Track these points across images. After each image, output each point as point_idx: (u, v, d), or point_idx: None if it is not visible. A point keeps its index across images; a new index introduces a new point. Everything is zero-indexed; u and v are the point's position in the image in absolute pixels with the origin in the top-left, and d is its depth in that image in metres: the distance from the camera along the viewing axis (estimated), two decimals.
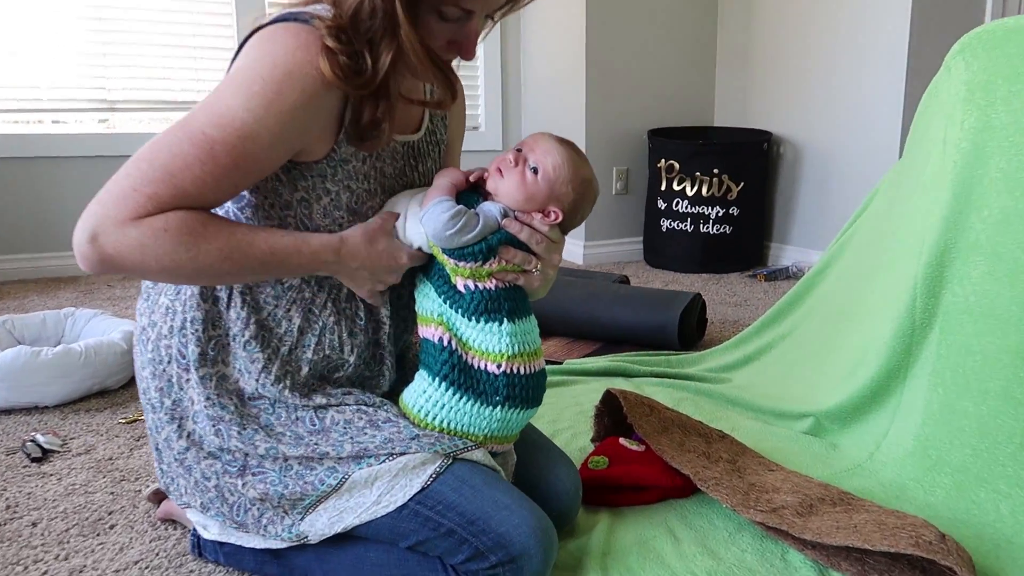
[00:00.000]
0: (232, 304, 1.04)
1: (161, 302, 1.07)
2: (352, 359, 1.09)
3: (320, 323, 1.06)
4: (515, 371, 1.03)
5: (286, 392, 1.04)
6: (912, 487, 1.38)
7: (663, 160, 3.45)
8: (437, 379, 1.03)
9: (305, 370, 1.06)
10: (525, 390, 1.04)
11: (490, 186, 1.03)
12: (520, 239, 1.02)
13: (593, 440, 1.56)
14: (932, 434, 1.41)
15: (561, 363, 2.07)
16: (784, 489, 1.28)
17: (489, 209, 1.01)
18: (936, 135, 1.55)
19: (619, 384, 1.93)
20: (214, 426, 1.03)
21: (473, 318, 1.02)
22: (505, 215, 1.02)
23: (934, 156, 1.54)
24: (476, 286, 1.02)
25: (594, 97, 3.52)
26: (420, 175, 1.13)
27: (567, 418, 1.70)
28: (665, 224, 3.49)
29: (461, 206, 0.99)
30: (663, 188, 3.46)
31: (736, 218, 3.42)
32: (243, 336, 1.03)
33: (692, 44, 3.72)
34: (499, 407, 1.03)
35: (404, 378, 1.20)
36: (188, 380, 1.04)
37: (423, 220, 0.99)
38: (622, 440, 1.42)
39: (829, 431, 1.61)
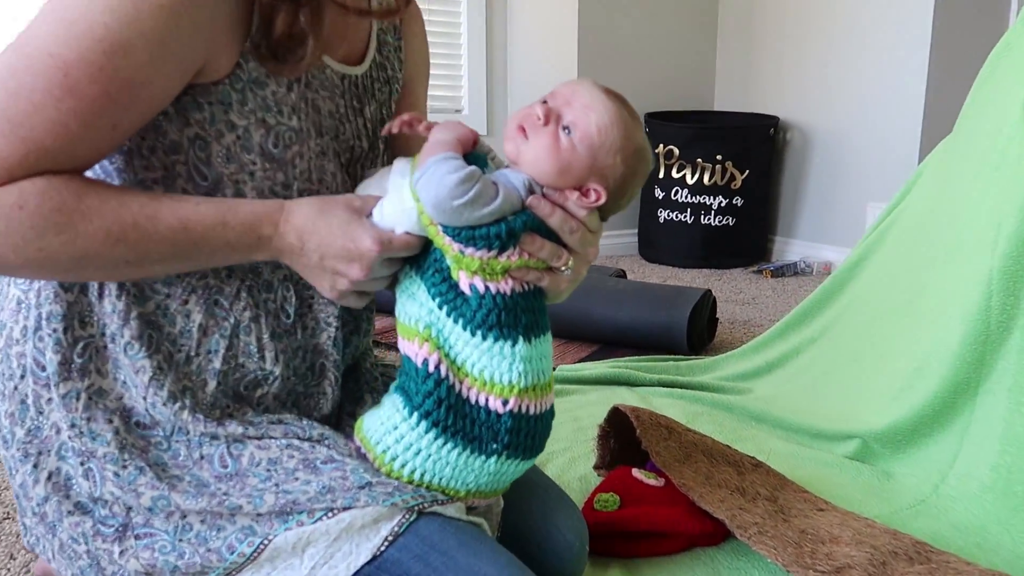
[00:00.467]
0: (106, 293, 0.75)
1: (10, 294, 0.78)
2: (278, 370, 0.80)
3: (231, 320, 0.78)
4: (524, 410, 0.75)
5: (185, 415, 0.75)
6: (996, 532, 1.11)
7: (661, 145, 3.19)
8: (416, 415, 0.74)
9: (211, 385, 0.77)
10: (532, 436, 0.76)
11: (508, 150, 0.77)
12: (550, 224, 0.75)
13: (597, 468, 1.28)
14: (1016, 464, 1.14)
15: (553, 369, 1.79)
16: (844, 539, 1.00)
17: (510, 179, 0.74)
18: (1010, 101, 1.28)
19: (622, 394, 1.66)
20: (83, 464, 0.74)
21: (479, 333, 0.73)
22: (531, 190, 0.75)
23: (1009, 127, 1.27)
24: (487, 287, 0.73)
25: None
26: (368, 122, 0.86)
27: (563, 437, 1.42)
28: (663, 215, 3.23)
29: (475, 167, 0.72)
30: (661, 176, 3.21)
31: (740, 209, 3.16)
32: (123, 336, 0.75)
33: (690, 18, 3.47)
34: (496, 457, 0.74)
35: (355, 395, 0.92)
36: (49, 400, 0.75)
37: (418, 182, 0.72)
38: (636, 472, 1.14)
39: (879, 456, 1.34)
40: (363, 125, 0.85)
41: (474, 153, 0.77)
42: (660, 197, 3.23)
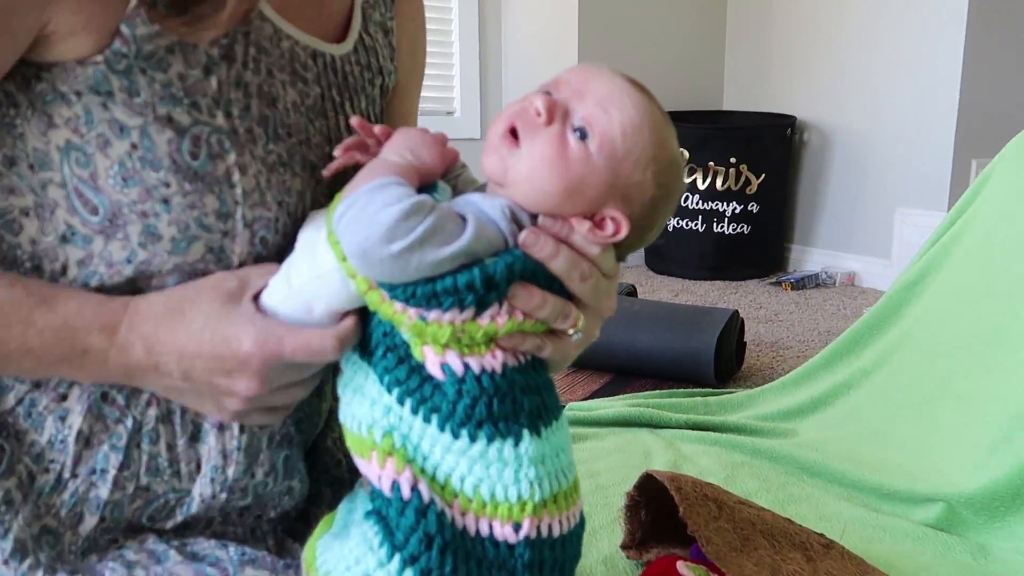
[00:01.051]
0: None
1: None
2: (198, 490, 0.56)
3: (128, 423, 0.55)
4: (546, 533, 0.52)
5: None
6: None
7: None
8: (398, 561, 0.50)
9: (89, 523, 0.53)
10: (557, 567, 0.52)
11: (490, 166, 0.55)
12: (552, 269, 0.54)
13: (626, 548, 1.03)
14: None
15: (562, 407, 1.54)
16: None
17: (481, 207, 0.53)
18: None
19: (644, 439, 1.41)
20: None
21: (464, 433, 0.51)
22: (516, 221, 0.53)
23: None
24: (467, 365, 0.52)
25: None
26: (347, 128, 0.63)
27: None
28: (672, 223, 2.99)
29: (424, 196, 0.51)
30: None
31: (756, 216, 2.93)
32: None
33: (697, 11, 3.26)
34: None
35: (310, 488, 0.67)
36: None
37: (339, 224, 0.51)
38: (682, 568, 0.89)
39: (971, 525, 1.09)
40: (347, 126, 0.63)
41: (434, 185, 0.56)
42: None
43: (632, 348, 1.76)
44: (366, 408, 0.52)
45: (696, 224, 2.96)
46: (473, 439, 0.50)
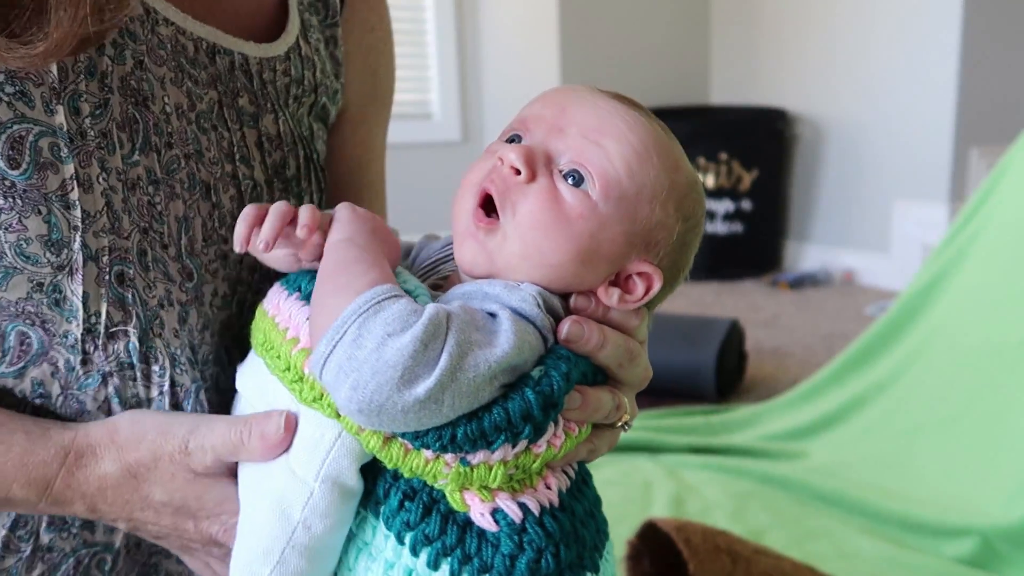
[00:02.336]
0: None
1: None
2: None
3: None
4: None
5: None
6: None
7: None
8: None
9: None
10: None
11: (466, 259, 0.44)
12: (600, 361, 0.44)
13: None
14: None
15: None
16: None
17: (505, 299, 0.42)
18: None
19: (643, 467, 1.30)
20: None
21: None
22: (550, 309, 0.42)
23: None
24: (523, 507, 0.41)
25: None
26: (268, 139, 0.53)
27: None
28: None
29: (434, 308, 0.39)
30: None
31: (749, 214, 2.83)
32: None
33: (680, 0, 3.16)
34: None
35: None
36: None
37: (323, 370, 0.39)
38: None
39: (1008, 561, 0.99)
40: (256, 141, 0.52)
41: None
42: None
43: None
44: (377, 572, 0.42)
45: None
46: None
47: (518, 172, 0.42)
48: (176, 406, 0.46)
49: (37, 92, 0.42)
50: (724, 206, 2.83)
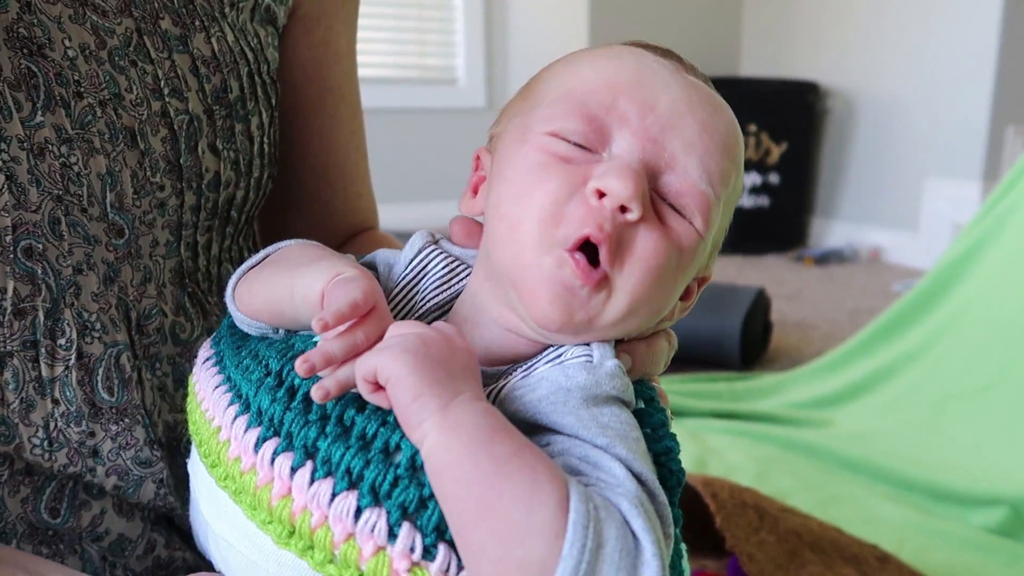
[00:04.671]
0: None
1: None
2: None
3: None
4: None
5: None
6: None
7: None
8: None
9: None
10: None
11: (559, 321, 0.34)
12: (655, 373, 0.40)
13: None
14: None
15: None
16: None
17: (598, 386, 0.34)
18: None
19: None
20: None
21: None
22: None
23: None
24: None
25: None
26: (194, 72, 0.46)
27: None
28: None
29: (638, 512, 0.31)
30: None
31: (776, 188, 2.80)
32: None
33: None
34: None
35: None
36: None
37: None
38: None
39: None
40: (191, 67, 0.46)
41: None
42: None
43: None
44: None
45: None
46: None
47: (629, 211, 0.33)
48: (88, 377, 0.42)
49: None
50: (751, 179, 2.79)
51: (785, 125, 2.78)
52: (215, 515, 0.36)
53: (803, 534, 0.84)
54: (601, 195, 0.33)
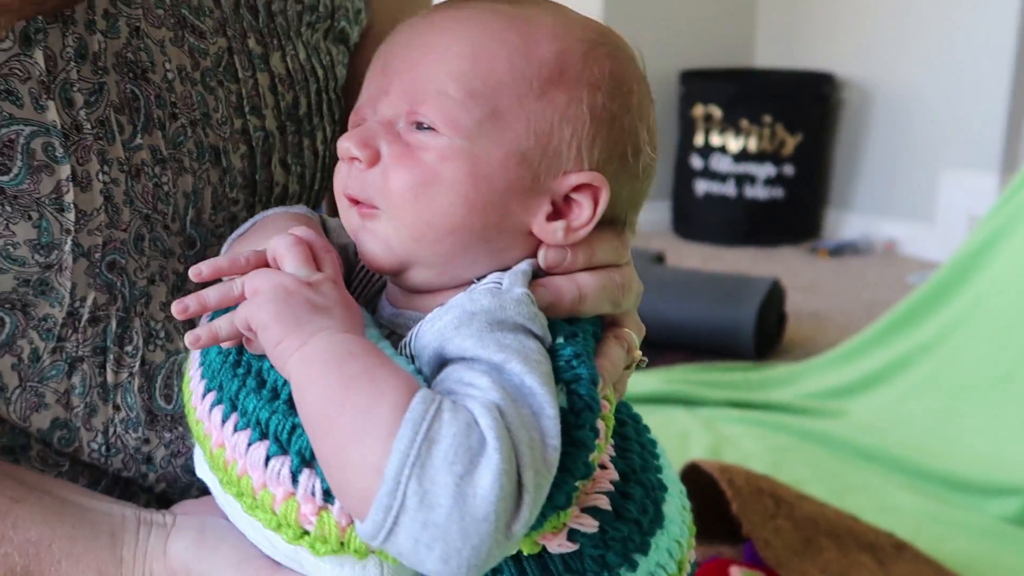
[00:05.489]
0: None
1: None
2: None
3: None
4: None
5: None
6: None
7: (700, 107, 2.80)
8: None
9: None
10: None
11: (366, 252, 0.39)
12: (587, 313, 0.39)
13: None
14: None
15: None
16: None
17: (504, 312, 0.35)
18: None
19: (679, 419, 1.29)
20: None
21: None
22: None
23: None
24: (595, 511, 0.38)
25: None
26: (272, 89, 0.48)
27: None
28: (701, 187, 2.86)
29: (487, 407, 0.32)
30: (699, 143, 2.83)
31: (791, 180, 2.79)
32: None
33: None
34: None
35: None
36: None
37: (385, 540, 0.31)
38: (736, 573, 0.78)
39: None
40: (269, 85, 0.47)
41: None
42: (698, 168, 2.87)
43: (662, 318, 1.63)
44: None
45: (727, 189, 2.82)
46: (635, 566, 0.38)
47: (357, 160, 0.37)
48: (148, 384, 0.44)
49: (24, 88, 0.38)
50: (766, 170, 2.78)
51: (800, 116, 2.77)
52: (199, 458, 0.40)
53: (819, 521, 0.85)
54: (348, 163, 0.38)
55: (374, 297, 0.41)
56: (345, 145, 0.37)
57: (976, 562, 0.91)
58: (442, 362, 0.34)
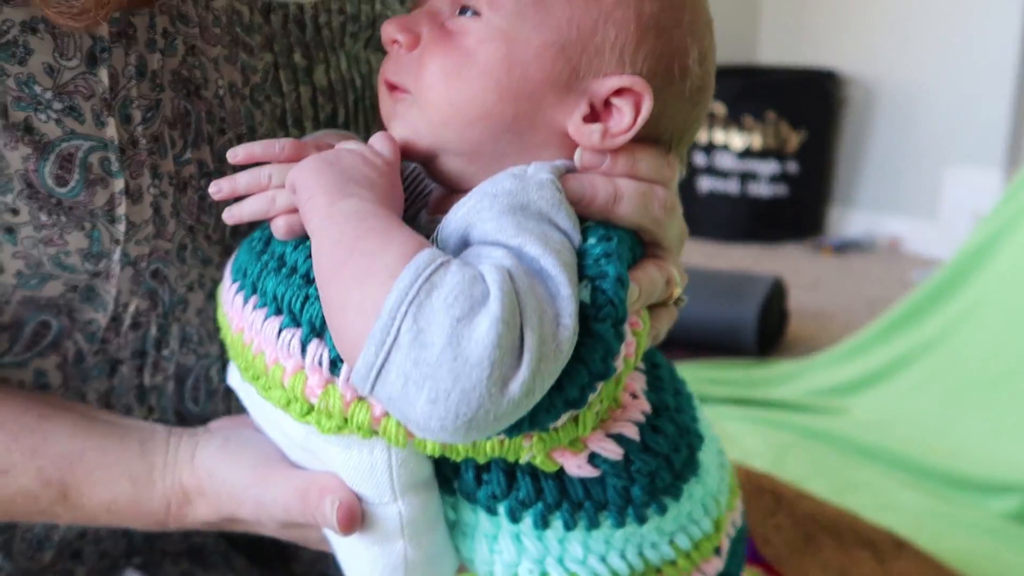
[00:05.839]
0: None
1: None
2: None
3: None
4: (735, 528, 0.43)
5: None
6: None
7: None
8: None
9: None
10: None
11: (396, 134, 0.39)
12: (623, 220, 0.37)
13: None
14: None
15: None
16: None
17: (527, 195, 0.34)
18: None
19: None
20: None
21: (632, 516, 0.37)
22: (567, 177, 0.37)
23: None
24: (622, 439, 0.36)
25: None
26: (312, 102, 0.49)
27: None
28: (705, 184, 2.86)
29: (496, 265, 0.32)
30: (702, 140, 2.84)
31: (794, 177, 2.78)
32: None
33: None
34: None
35: None
36: None
37: (375, 380, 0.30)
38: None
39: None
40: (311, 99, 0.47)
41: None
42: (701, 165, 2.87)
43: None
44: (484, 550, 0.37)
45: (730, 186, 2.83)
46: (641, 519, 0.36)
47: (398, 44, 0.37)
48: (179, 387, 0.45)
49: (87, 105, 0.39)
50: (769, 167, 2.78)
51: (803, 113, 2.77)
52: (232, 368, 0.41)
53: (819, 518, 0.85)
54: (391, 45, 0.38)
55: (417, 214, 0.41)
56: (388, 29, 0.37)
57: (977, 559, 0.91)
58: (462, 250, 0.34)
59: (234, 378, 0.40)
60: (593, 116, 0.36)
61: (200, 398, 0.46)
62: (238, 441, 0.40)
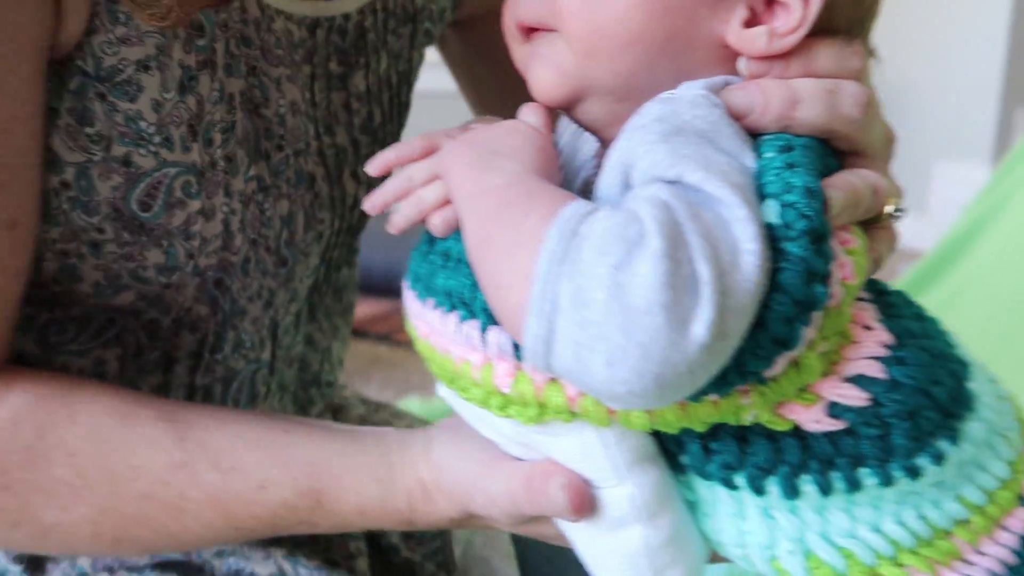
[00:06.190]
0: None
1: None
2: None
3: None
4: None
5: None
6: None
7: None
8: None
9: None
10: None
11: (538, 82, 0.36)
12: (807, 126, 0.31)
13: None
14: None
15: None
16: None
17: (702, 127, 0.30)
18: None
19: None
20: None
21: (925, 458, 0.31)
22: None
23: None
24: (863, 381, 0.31)
25: None
26: (346, 107, 0.49)
27: None
28: None
29: (649, 195, 0.28)
30: None
31: None
32: None
33: None
34: None
35: None
36: None
37: (547, 355, 0.28)
38: None
39: None
40: (344, 103, 0.48)
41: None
42: None
43: None
44: (732, 532, 0.33)
45: None
46: (941, 458, 0.31)
47: None
48: (225, 389, 0.47)
49: (177, 133, 0.40)
50: None
51: None
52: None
53: None
54: None
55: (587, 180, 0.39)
56: None
57: None
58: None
59: (442, 388, 0.38)
60: (754, 20, 0.32)
61: (242, 401, 0.47)
62: (466, 434, 0.38)
